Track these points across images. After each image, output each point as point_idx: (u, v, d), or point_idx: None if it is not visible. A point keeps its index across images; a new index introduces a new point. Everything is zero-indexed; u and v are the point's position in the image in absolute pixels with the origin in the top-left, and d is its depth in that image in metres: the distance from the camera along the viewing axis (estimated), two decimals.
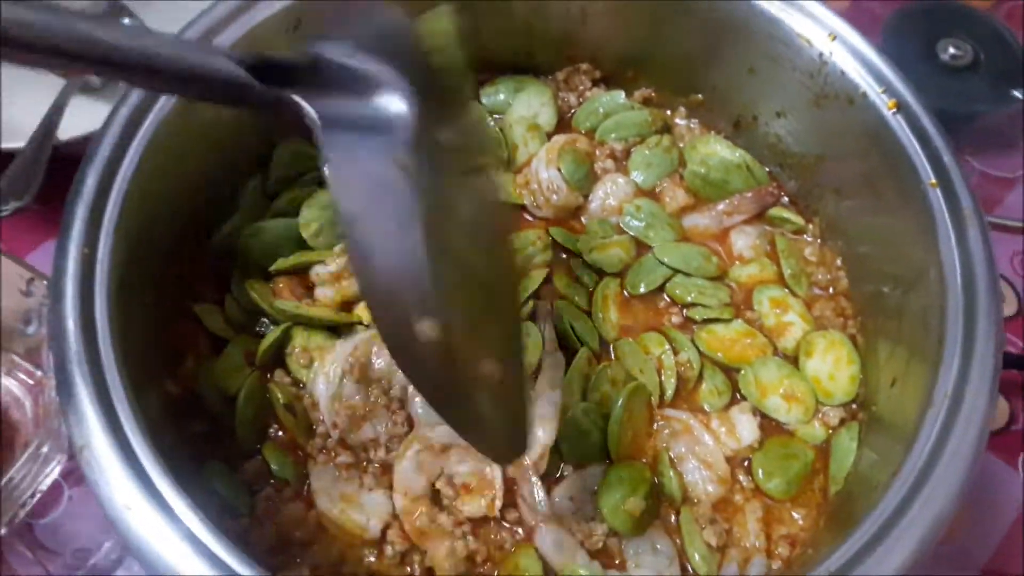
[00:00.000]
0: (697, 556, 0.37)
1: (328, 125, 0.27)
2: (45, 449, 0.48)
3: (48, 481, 0.51)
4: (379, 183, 0.27)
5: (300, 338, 0.41)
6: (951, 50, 0.66)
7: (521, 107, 0.49)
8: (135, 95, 0.37)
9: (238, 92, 0.27)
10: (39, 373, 0.54)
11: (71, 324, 0.31)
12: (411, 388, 0.40)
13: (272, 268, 0.41)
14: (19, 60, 0.26)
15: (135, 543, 0.28)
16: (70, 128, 0.56)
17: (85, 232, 0.34)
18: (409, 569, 0.37)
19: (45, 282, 0.51)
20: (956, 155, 0.39)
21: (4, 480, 0.49)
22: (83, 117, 0.59)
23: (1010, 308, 0.61)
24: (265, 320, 0.42)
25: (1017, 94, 0.66)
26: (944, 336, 0.34)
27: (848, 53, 0.42)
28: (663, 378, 0.41)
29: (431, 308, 0.27)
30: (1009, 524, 0.53)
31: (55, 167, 0.53)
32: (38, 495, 0.51)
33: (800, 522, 0.39)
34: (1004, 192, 0.66)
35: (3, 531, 0.49)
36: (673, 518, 0.38)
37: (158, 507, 0.29)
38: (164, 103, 0.37)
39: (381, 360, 0.41)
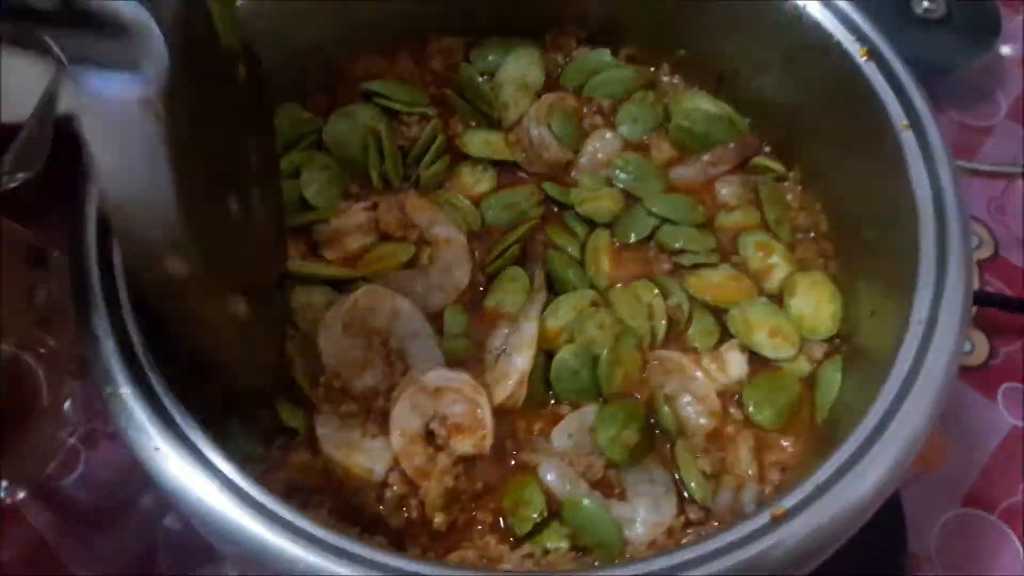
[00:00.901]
0: (693, 483, 0.39)
1: (76, 62, 0.27)
2: (62, 413, 0.50)
3: (66, 445, 0.53)
4: (128, 125, 0.27)
5: (304, 295, 0.43)
6: (925, 3, 0.68)
7: (510, 68, 0.50)
8: None
9: None
10: (52, 342, 0.56)
11: (95, 283, 0.33)
12: (408, 339, 0.42)
13: (286, 224, 0.43)
14: None
15: (166, 483, 0.30)
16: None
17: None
18: (406, 513, 0.39)
19: (56, 253, 0.52)
20: (926, 98, 0.41)
21: (25, 445, 0.51)
22: None
23: (987, 251, 0.64)
24: None
25: (990, 45, 0.68)
26: (918, 267, 0.36)
27: (821, 4, 0.44)
28: (654, 322, 0.43)
29: (179, 246, 0.28)
30: (990, 454, 0.56)
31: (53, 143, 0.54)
32: (57, 458, 0.53)
33: (789, 449, 0.41)
34: (981, 140, 0.68)
35: (23, 494, 0.51)
36: (669, 450, 0.40)
37: (185, 448, 0.31)
38: None
39: (380, 314, 0.42)
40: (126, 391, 0.31)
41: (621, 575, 0.29)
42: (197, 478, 0.30)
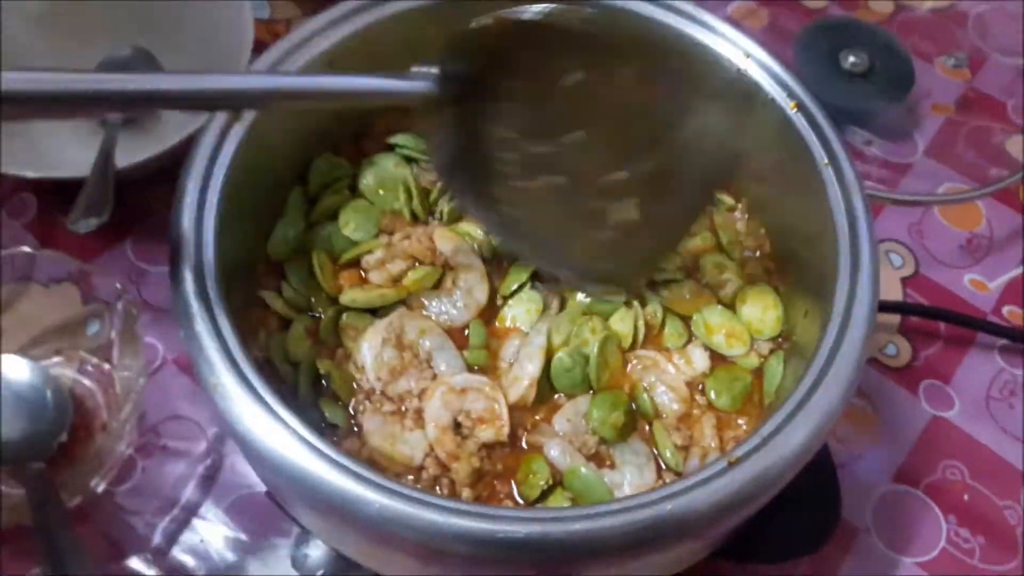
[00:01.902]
0: (668, 453, 0.48)
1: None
2: (119, 429, 0.58)
3: (123, 455, 0.61)
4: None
5: (349, 318, 0.52)
6: (851, 59, 0.79)
7: None
8: (217, 123, 0.47)
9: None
10: (106, 367, 0.64)
11: (191, 289, 0.42)
12: (435, 351, 0.50)
13: (342, 260, 0.53)
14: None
15: (255, 444, 0.39)
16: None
17: (195, 230, 0.44)
18: (439, 490, 0.47)
19: (117, 284, 0.60)
20: (843, 140, 0.50)
21: (87, 457, 0.59)
22: (124, 150, 0.69)
23: (909, 269, 0.74)
24: (314, 301, 0.53)
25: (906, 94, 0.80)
26: (837, 277, 0.45)
27: (759, 67, 0.53)
28: (636, 326, 0.52)
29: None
30: (915, 438, 0.65)
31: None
32: (115, 468, 0.60)
33: (743, 426, 0.50)
34: (903, 174, 0.79)
35: (78, 499, 0.58)
36: (647, 429, 0.49)
37: (275, 419, 0.39)
38: (238, 128, 0.48)
39: (411, 331, 0.51)
40: (227, 380, 0.40)
41: (614, 509, 0.38)
42: (285, 440, 0.38)
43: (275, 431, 0.39)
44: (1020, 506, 0.62)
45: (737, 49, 0.54)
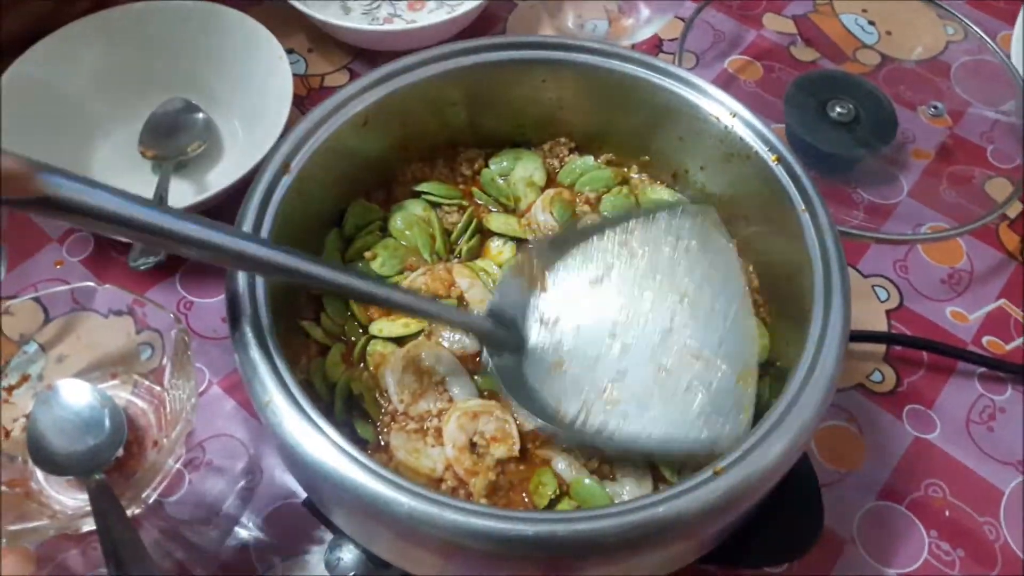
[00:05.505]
0: (664, 465, 0.53)
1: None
2: (169, 445, 0.63)
3: (172, 469, 0.67)
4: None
5: (374, 346, 0.58)
6: (838, 109, 0.85)
7: (520, 170, 0.66)
8: (267, 175, 0.54)
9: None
10: (158, 389, 0.70)
11: (247, 320, 0.48)
12: (448, 376, 0.56)
13: None
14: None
15: (302, 454, 0.44)
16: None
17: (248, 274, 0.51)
18: None
19: (171, 314, 0.67)
20: (817, 189, 0.55)
21: (140, 471, 0.65)
22: (174, 195, 0.77)
23: (894, 302, 0.79)
24: (347, 329, 0.59)
25: (890, 139, 0.86)
26: (812, 306, 0.51)
27: (744, 125, 0.58)
28: None
29: None
30: (898, 459, 0.69)
31: None
32: (166, 481, 0.66)
33: None
34: (887, 215, 0.84)
35: (133, 509, 0.64)
36: None
37: (319, 432, 0.45)
38: (285, 180, 0.55)
39: (427, 358, 0.56)
40: (279, 399, 0.46)
41: (613, 512, 0.43)
42: (332, 456, 0.44)
43: (320, 443, 0.45)
44: (998, 522, 0.66)
45: (724, 109, 0.60)
